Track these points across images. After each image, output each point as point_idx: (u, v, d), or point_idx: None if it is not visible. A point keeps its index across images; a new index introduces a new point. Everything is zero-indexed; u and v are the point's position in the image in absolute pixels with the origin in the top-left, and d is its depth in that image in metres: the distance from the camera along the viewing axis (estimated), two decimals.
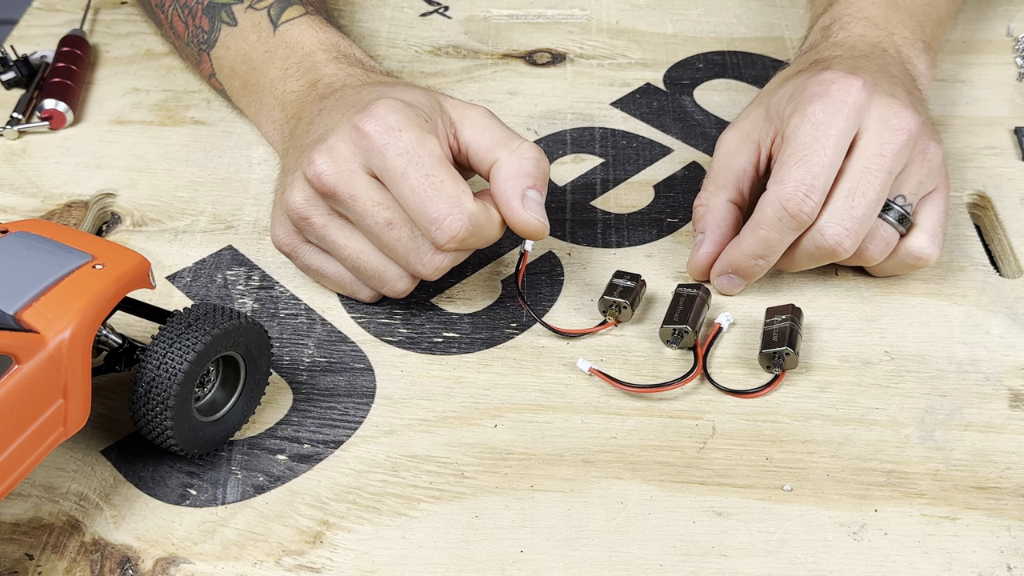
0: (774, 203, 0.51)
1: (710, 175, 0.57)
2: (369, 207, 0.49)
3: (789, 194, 0.50)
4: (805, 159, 0.50)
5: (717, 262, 0.55)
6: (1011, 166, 0.64)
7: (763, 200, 0.51)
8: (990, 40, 0.75)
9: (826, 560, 0.44)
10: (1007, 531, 0.45)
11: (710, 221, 0.56)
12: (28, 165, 0.65)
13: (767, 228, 0.51)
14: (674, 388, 0.51)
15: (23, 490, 0.47)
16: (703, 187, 0.57)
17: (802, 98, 0.52)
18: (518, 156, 0.51)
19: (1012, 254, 0.59)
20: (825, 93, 0.51)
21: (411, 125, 0.49)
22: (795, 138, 0.51)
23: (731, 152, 0.56)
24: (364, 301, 0.55)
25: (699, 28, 0.77)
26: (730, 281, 0.55)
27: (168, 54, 0.74)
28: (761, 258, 0.53)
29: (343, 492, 0.47)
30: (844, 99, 0.51)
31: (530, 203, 0.51)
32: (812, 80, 0.52)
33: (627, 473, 0.48)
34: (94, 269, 0.44)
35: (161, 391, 0.44)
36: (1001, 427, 0.50)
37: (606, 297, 0.54)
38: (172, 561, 0.44)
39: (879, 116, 0.51)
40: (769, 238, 0.52)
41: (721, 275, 0.55)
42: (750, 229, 0.52)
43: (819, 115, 0.51)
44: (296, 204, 0.51)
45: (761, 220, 0.51)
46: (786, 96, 0.54)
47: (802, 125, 0.51)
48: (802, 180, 0.50)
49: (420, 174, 0.48)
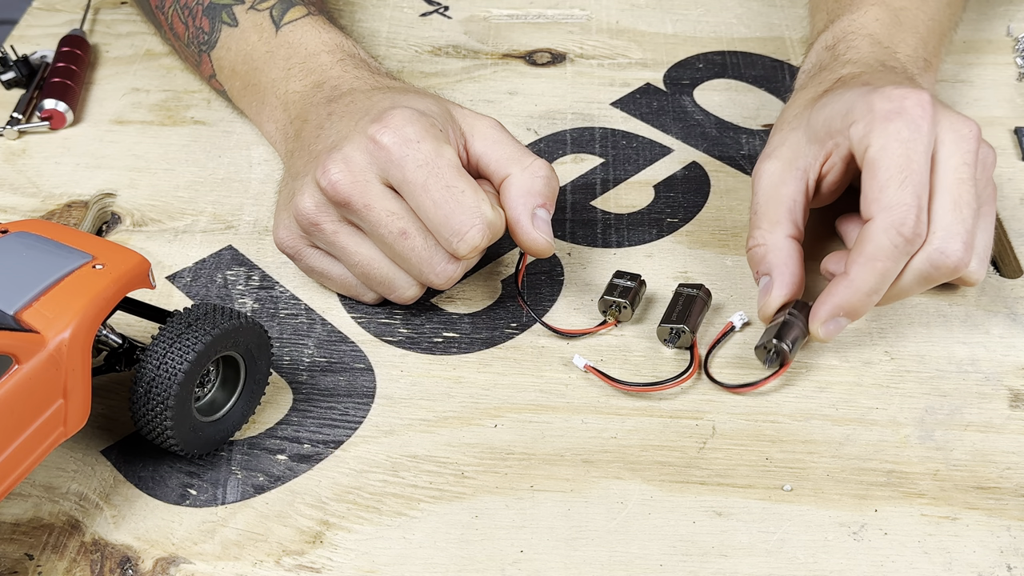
0: (888, 231, 0.48)
1: (759, 211, 0.53)
2: (384, 217, 0.49)
3: (902, 218, 0.47)
4: (906, 180, 0.48)
5: (823, 308, 0.50)
6: (1011, 166, 0.64)
7: (872, 230, 0.48)
8: (990, 40, 0.75)
9: (826, 560, 0.44)
10: (1007, 531, 0.45)
11: (775, 261, 0.52)
12: (28, 165, 0.65)
13: (884, 259, 0.48)
14: (669, 387, 0.51)
15: (23, 490, 0.47)
16: (754, 225, 0.53)
17: (874, 116, 0.50)
18: (530, 174, 0.51)
19: (1012, 254, 0.59)
20: (901, 110, 0.49)
21: (428, 136, 0.49)
22: (885, 159, 0.49)
23: (776, 184, 0.53)
24: (367, 303, 0.55)
25: (699, 28, 0.77)
26: (837, 325, 0.50)
27: (168, 54, 0.74)
28: (876, 292, 0.49)
29: (343, 492, 0.47)
30: (922, 115, 0.49)
31: (539, 222, 0.51)
32: (878, 96, 0.50)
33: (627, 473, 0.48)
34: (94, 269, 0.44)
35: (161, 391, 0.44)
36: (1001, 427, 0.50)
37: (606, 297, 0.54)
38: (172, 561, 0.44)
39: (949, 127, 0.50)
40: (887, 269, 0.48)
41: (829, 320, 0.50)
42: (862, 264, 0.49)
43: (904, 133, 0.49)
44: (307, 210, 0.51)
45: (876, 252, 0.48)
46: (837, 115, 0.52)
47: (888, 145, 0.49)
48: (910, 202, 0.48)
49: (441, 185, 0.49)
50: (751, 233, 0.54)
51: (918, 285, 0.50)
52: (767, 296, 0.52)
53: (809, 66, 0.61)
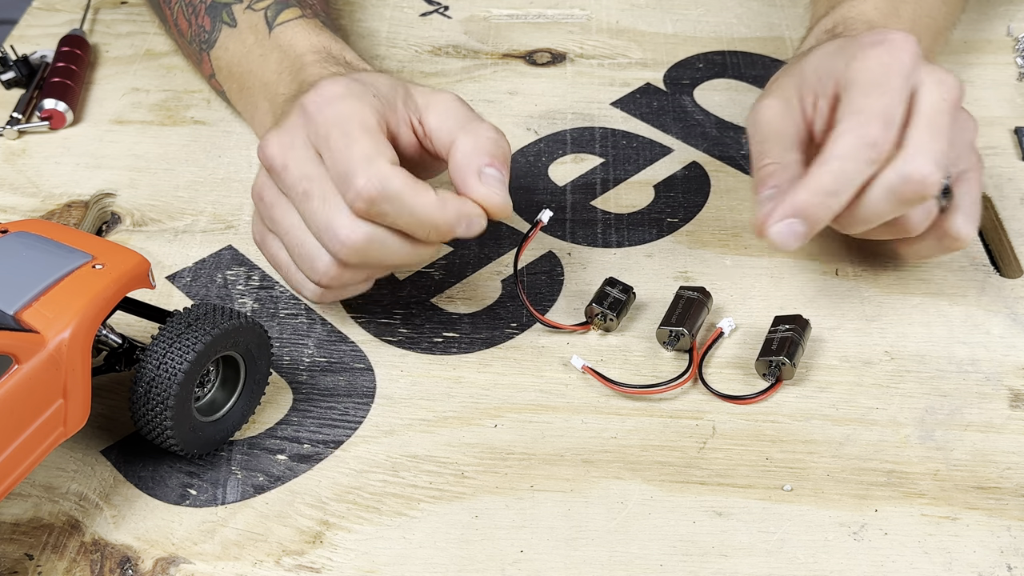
0: (853, 131, 0.47)
1: (768, 140, 0.52)
2: (296, 179, 0.49)
3: (867, 121, 0.47)
4: (881, 93, 0.48)
5: (778, 208, 0.49)
6: (1011, 166, 0.64)
7: (835, 133, 0.48)
8: (990, 40, 0.75)
9: (826, 560, 0.44)
10: (1007, 531, 0.45)
11: (784, 177, 0.51)
12: (28, 165, 0.65)
13: (845, 158, 0.47)
14: (666, 391, 0.51)
15: (23, 490, 0.47)
16: (762, 153, 0.52)
17: (858, 47, 0.50)
18: (475, 135, 0.50)
19: (1012, 254, 0.59)
20: (885, 40, 0.49)
21: (350, 96, 0.49)
22: (862, 75, 0.48)
23: (778, 118, 0.52)
24: (310, 298, 0.52)
25: (699, 28, 0.77)
26: (790, 229, 0.49)
27: (168, 54, 0.74)
28: (833, 196, 0.48)
29: (343, 492, 0.47)
30: (904, 47, 0.49)
31: (488, 179, 0.49)
32: (864, 35, 0.51)
33: (627, 473, 0.48)
34: (94, 269, 0.44)
35: (161, 391, 0.44)
36: (1001, 427, 0.50)
37: (594, 304, 0.54)
38: (172, 561, 0.44)
39: (930, 72, 0.50)
40: (845, 169, 0.47)
41: (782, 221, 0.49)
42: (820, 164, 0.48)
43: (885, 57, 0.49)
44: (255, 186, 0.52)
45: (835, 152, 0.47)
46: (826, 59, 0.52)
47: (868, 65, 0.49)
48: (879, 111, 0.48)
49: (340, 135, 0.48)
50: (759, 159, 0.53)
51: (888, 204, 0.49)
52: (772, 205, 0.50)
53: (806, 47, 0.62)
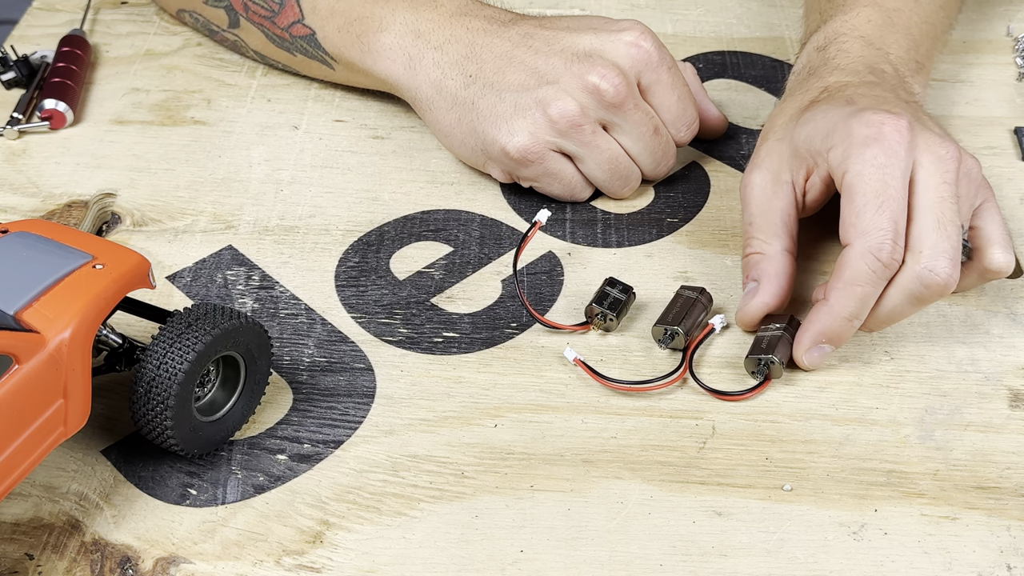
0: (865, 256, 0.48)
1: (754, 223, 0.54)
2: (642, 116, 0.58)
3: (878, 244, 0.48)
4: (882, 205, 0.48)
5: (805, 336, 0.51)
6: (1011, 166, 0.64)
7: (849, 255, 0.49)
8: (990, 40, 0.75)
9: (826, 560, 0.44)
10: (1007, 531, 0.45)
11: (767, 270, 0.53)
12: (28, 165, 0.65)
13: (862, 283, 0.49)
14: (658, 387, 0.51)
15: (23, 490, 0.47)
16: (750, 235, 0.54)
17: (851, 142, 0.50)
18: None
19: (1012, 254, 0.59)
20: (879, 135, 0.50)
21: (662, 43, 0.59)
22: (861, 185, 0.49)
23: (767, 196, 0.54)
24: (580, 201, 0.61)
25: (699, 28, 0.77)
26: (821, 353, 0.51)
27: (168, 53, 0.74)
28: (856, 318, 0.50)
29: (343, 492, 0.47)
30: (899, 140, 0.49)
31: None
32: (856, 121, 0.51)
33: (627, 473, 0.48)
34: (94, 269, 0.44)
35: (161, 391, 0.44)
36: (1001, 427, 0.50)
37: (594, 304, 0.54)
38: (172, 561, 0.44)
39: (927, 148, 0.50)
40: (865, 294, 0.49)
41: (813, 348, 0.51)
42: (840, 289, 0.49)
43: (880, 159, 0.49)
44: (571, 112, 0.56)
45: (854, 277, 0.49)
46: (818, 135, 0.52)
47: (865, 171, 0.49)
48: (886, 227, 0.48)
49: (681, 84, 0.59)
50: (747, 242, 0.55)
51: (909, 305, 0.50)
52: (750, 300, 0.53)
53: (799, 67, 0.61)
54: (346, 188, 0.63)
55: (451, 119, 0.60)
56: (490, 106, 0.58)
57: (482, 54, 0.59)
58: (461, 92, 0.59)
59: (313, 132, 0.67)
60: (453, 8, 0.61)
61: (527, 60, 0.58)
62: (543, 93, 0.57)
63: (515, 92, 0.57)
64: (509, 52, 0.58)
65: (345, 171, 0.64)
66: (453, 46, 0.60)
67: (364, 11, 0.62)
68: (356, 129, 0.67)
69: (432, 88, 0.60)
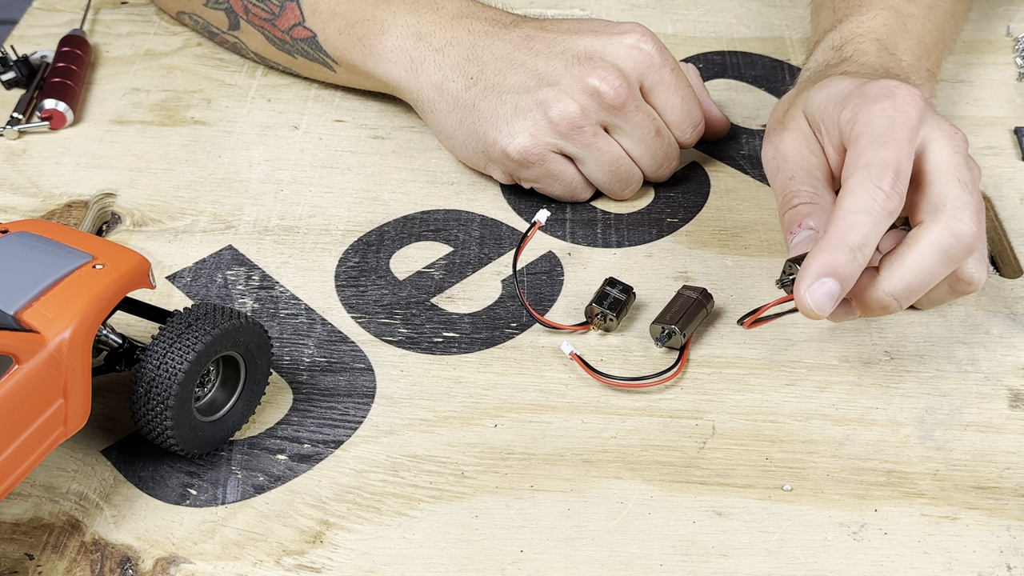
0: (864, 184, 0.47)
1: (796, 176, 0.53)
2: (644, 119, 0.58)
3: (879, 173, 0.47)
4: (887, 143, 0.47)
5: (806, 270, 0.47)
6: (1011, 166, 0.64)
7: (849, 185, 0.47)
8: (990, 40, 0.75)
9: (826, 560, 0.44)
10: (1007, 531, 0.45)
11: (821, 219, 0.52)
12: (28, 165, 0.65)
13: (865, 211, 0.46)
14: (652, 384, 0.51)
15: (23, 490, 0.47)
16: (792, 190, 0.53)
17: (863, 100, 0.50)
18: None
19: (1012, 254, 0.59)
20: (892, 94, 0.49)
21: None
22: (868, 129, 0.48)
23: (804, 153, 0.54)
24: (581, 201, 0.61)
25: (699, 28, 0.77)
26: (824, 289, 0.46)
27: (168, 53, 0.74)
28: (860, 249, 0.46)
29: (343, 492, 0.47)
30: (911, 102, 0.49)
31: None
32: (870, 85, 0.50)
33: (627, 473, 0.48)
34: (94, 269, 0.44)
35: (161, 391, 0.44)
36: (1001, 427, 0.50)
37: (594, 304, 0.54)
38: (172, 561, 0.44)
39: (937, 126, 0.50)
40: (865, 223, 0.46)
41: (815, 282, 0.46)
42: (842, 218, 0.47)
43: (890, 111, 0.49)
44: (572, 114, 0.56)
45: (856, 205, 0.46)
46: (831, 101, 0.52)
47: (873, 119, 0.48)
48: (889, 162, 0.47)
49: (685, 85, 0.59)
50: (791, 195, 0.53)
51: (941, 265, 0.48)
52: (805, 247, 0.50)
53: (815, 64, 0.61)
54: (346, 188, 0.63)
55: (452, 121, 0.60)
56: (491, 108, 0.58)
57: (483, 56, 0.59)
58: (462, 94, 0.59)
59: (313, 132, 0.67)
60: (454, 10, 0.61)
61: (528, 62, 0.58)
62: (544, 95, 0.57)
63: (516, 94, 0.58)
64: (510, 54, 0.59)
65: (345, 171, 0.64)
66: (454, 48, 0.60)
67: (365, 14, 0.62)
68: (356, 129, 0.67)
69: (433, 90, 0.60)
